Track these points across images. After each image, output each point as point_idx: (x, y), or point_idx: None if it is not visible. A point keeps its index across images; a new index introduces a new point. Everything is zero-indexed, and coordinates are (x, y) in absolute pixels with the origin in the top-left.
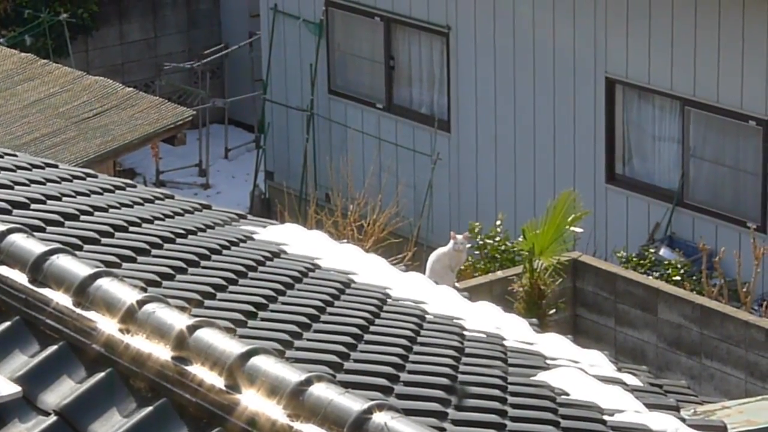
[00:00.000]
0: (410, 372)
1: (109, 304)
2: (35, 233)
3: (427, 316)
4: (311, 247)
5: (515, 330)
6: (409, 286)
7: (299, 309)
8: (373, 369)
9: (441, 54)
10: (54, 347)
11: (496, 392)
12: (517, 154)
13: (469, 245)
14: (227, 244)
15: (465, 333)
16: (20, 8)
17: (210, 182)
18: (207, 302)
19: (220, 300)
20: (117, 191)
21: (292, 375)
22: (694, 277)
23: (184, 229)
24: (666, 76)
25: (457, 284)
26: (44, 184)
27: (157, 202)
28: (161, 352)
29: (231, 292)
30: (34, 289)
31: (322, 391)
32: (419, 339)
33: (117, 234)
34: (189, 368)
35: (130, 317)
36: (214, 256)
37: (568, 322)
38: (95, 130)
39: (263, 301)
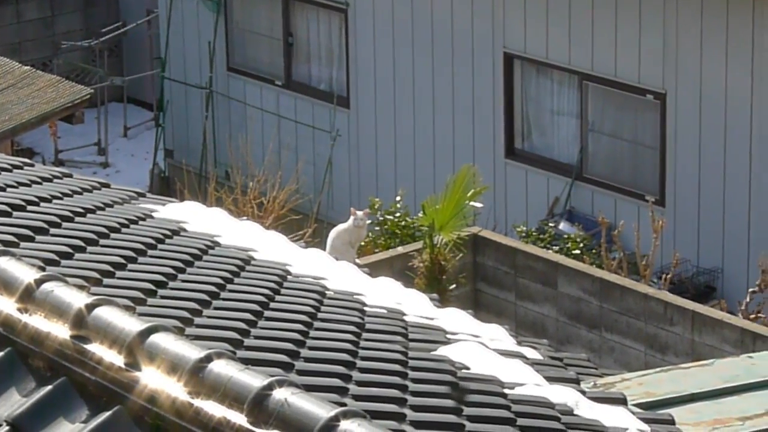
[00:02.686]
0: (311, 348)
1: (7, 283)
2: None
3: (327, 292)
4: (211, 225)
5: (416, 305)
6: (310, 263)
7: (199, 286)
8: (273, 345)
9: (339, 31)
10: None
11: (397, 367)
12: (417, 130)
13: (369, 221)
14: (126, 222)
15: (365, 309)
16: None
17: (109, 161)
18: (106, 281)
19: (119, 278)
20: (15, 170)
21: (191, 352)
22: (594, 251)
23: (82, 208)
24: (564, 50)
25: (357, 260)
26: None
27: (55, 181)
28: (60, 331)
29: (130, 271)
30: None
31: (222, 367)
32: (319, 315)
33: (15, 213)
34: (88, 347)
35: (28, 296)
36: (113, 235)
37: (469, 296)
38: None
39: (163, 278)
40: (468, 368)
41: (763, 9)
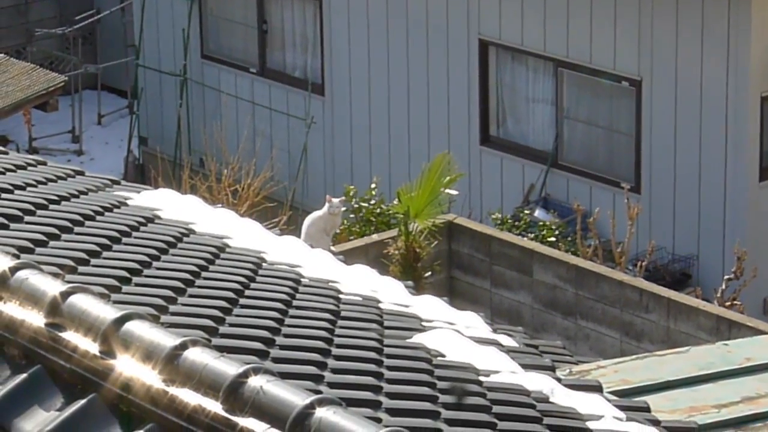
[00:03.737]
0: (286, 336)
1: None
2: None
3: (302, 279)
4: (185, 212)
5: (391, 292)
6: (285, 250)
7: (174, 274)
8: (248, 333)
9: (314, 17)
10: None
11: (372, 354)
12: (392, 117)
13: (344, 208)
14: (101, 209)
15: (341, 296)
16: None
17: (83, 148)
18: (81, 268)
19: (93, 266)
20: None
21: (166, 340)
22: (569, 238)
23: (57, 196)
24: (539, 37)
25: (332, 248)
26: None
27: (29, 168)
28: (35, 319)
29: (105, 258)
30: None
31: (197, 355)
32: (295, 302)
33: None
34: (63, 334)
35: (2, 284)
36: (87, 222)
37: (444, 284)
38: None
39: (137, 266)
40: (443, 355)
41: None
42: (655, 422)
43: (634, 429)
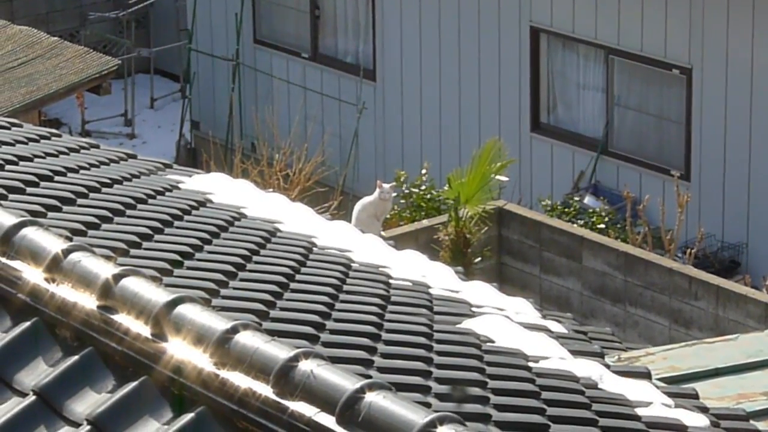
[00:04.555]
0: (336, 320)
1: (35, 253)
2: None
3: (352, 264)
4: (237, 197)
5: (441, 278)
6: (335, 235)
7: (225, 258)
8: (299, 317)
9: (366, 3)
10: None
11: (422, 340)
12: (443, 103)
13: (394, 194)
14: (153, 193)
15: (390, 281)
16: None
17: (135, 132)
18: (132, 251)
19: (145, 249)
20: (42, 141)
21: (218, 323)
22: (619, 225)
23: (109, 179)
24: (590, 24)
25: (382, 233)
26: None
27: (82, 151)
28: (87, 301)
29: (157, 241)
30: None
31: (248, 339)
32: (345, 287)
33: (42, 183)
34: (115, 317)
35: (55, 266)
36: (139, 206)
37: (494, 270)
38: (20, 79)
39: (189, 249)
40: (493, 341)
41: None
42: (704, 409)
43: (683, 416)
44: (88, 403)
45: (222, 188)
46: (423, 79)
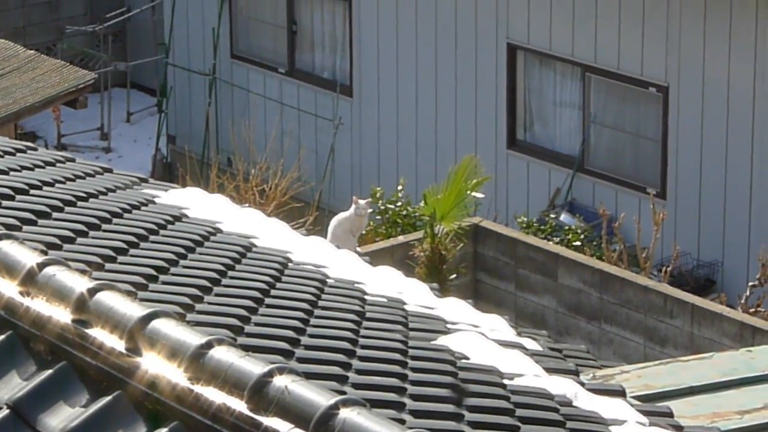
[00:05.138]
0: (311, 336)
1: (9, 266)
2: None
3: (328, 280)
4: (213, 211)
5: (416, 294)
6: (311, 251)
7: (200, 272)
8: (273, 332)
9: (343, 19)
10: None
11: (397, 356)
12: (419, 120)
13: (370, 210)
14: (128, 207)
15: (366, 297)
16: None
17: (111, 146)
18: (108, 265)
19: (121, 263)
20: (18, 154)
21: (192, 338)
22: (594, 243)
23: (85, 192)
24: (567, 42)
25: (358, 249)
26: None
27: (58, 165)
28: (61, 315)
29: (132, 256)
30: None
31: (222, 354)
32: (320, 303)
33: (18, 197)
34: (89, 331)
35: (30, 280)
36: (115, 220)
37: (469, 287)
38: None
39: (164, 264)
40: (468, 358)
41: (766, 2)
42: (678, 428)
43: None
44: (62, 417)
45: (198, 203)
46: (399, 95)
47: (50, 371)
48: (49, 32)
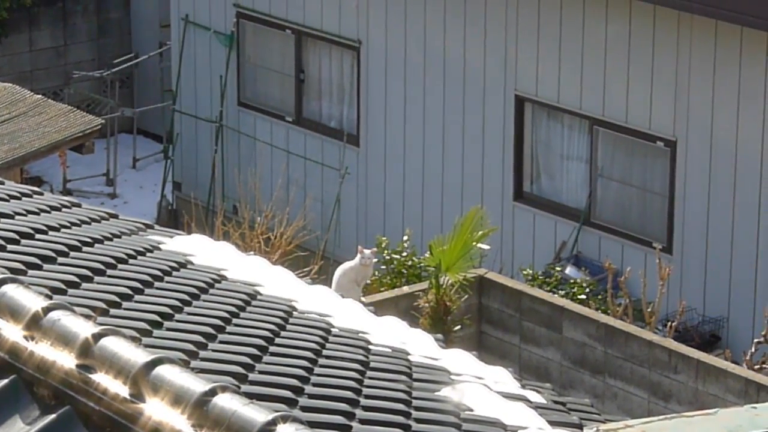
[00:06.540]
0: (315, 384)
1: (14, 310)
2: None
3: (332, 329)
4: (218, 259)
5: (420, 345)
6: (315, 299)
7: (205, 319)
8: (277, 381)
9: (351, 68)
10: None
11: (401, 406)
12: (426, 170)
13: (375, 260)
14: (133, 253)
15: (370, 347)
16: None
17: (117, 192)
18: (113, 311)
19: (125, 309)
20: (23, 198)
21: (196, 385)
22: (600, 296)
23: (90, 238)
24: (575, 95)
25: (363, 298)
26: None
27: (63, 210)
28: (66, 360)
29: (137, 302)
30: None
31: (226, 401)
32: (324, 352)
33: (23, 241)
34: (93, 376)
35: (34, 324)
36: (120, 265)
37: (473, 338)
38: (2, 136)
39: (169, 310)
40: (471, 410)
41: None
42: None
43: None
44: None
45: (203, 250)
46: (406, 145)
47: (53, 416)
48: (57, 77)
